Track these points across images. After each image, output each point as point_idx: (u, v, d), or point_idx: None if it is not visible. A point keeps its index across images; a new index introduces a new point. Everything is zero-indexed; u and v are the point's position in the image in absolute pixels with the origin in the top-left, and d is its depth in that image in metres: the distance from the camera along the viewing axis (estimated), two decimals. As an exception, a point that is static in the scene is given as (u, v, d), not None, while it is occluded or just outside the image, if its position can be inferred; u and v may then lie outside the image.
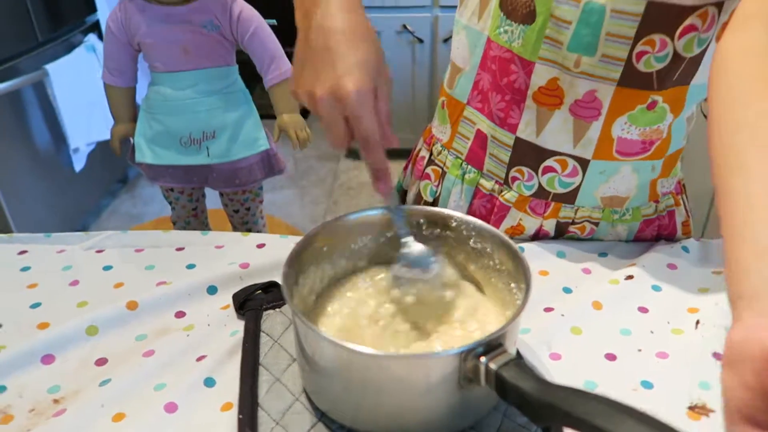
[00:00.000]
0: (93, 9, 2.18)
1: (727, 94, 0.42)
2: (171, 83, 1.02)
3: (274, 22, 1.02)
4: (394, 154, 0.53)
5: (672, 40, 0.55)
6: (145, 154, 1.08)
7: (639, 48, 0.55)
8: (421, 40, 2.29)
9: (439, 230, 0.56)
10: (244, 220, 1.18)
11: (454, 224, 0.56)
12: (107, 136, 2.07)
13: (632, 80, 0.57)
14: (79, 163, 2.03)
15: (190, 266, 0.68)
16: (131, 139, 1.14)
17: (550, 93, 0.61)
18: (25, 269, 0.67)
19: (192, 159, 1.08)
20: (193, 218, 1.19)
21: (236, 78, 1.09)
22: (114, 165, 2.32)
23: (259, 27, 1.00)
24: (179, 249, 0.70)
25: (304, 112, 1.10)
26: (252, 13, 1.02)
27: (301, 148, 1.11)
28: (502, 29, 0.62)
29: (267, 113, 1.08)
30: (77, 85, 1.95)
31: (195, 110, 1.03)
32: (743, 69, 0.42)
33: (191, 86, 1.02)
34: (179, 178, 1.13)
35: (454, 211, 0.56)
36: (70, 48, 2.01)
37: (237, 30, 1.00)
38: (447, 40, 2.28)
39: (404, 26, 2.26)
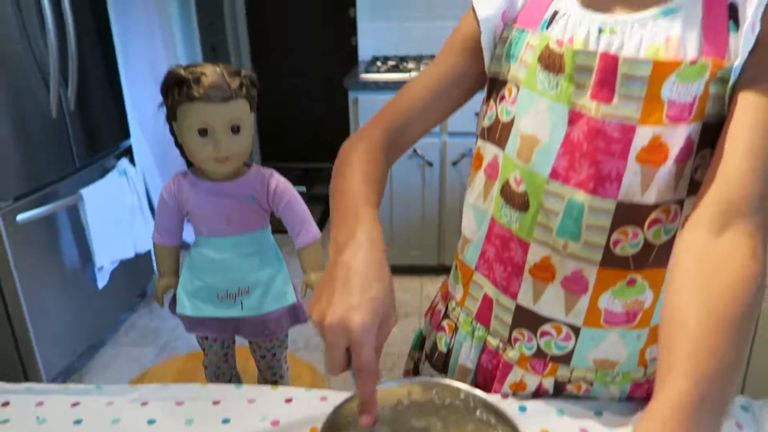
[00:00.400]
0: (127, 135, 2.36)
1: (670, 282, 0.55)
2: (214, 246, 1.14)
3: (303, 188, 1.15)
4: (409, 271, 0.62)
5: (642, 230, 0.63)
6: (186, 306, 1.18)
7: (615, 237, 0.64)
8: (430, 164, 2.43)
9: (449, 400, 0.63)
10: (270, 364, 1.26)
11: (462, 396, 0.63)
12: (131, 255, 2.22)
13: (612, 262, 0.65)
14: (102, 281, 2.11)
15: (225, 420, 0.73)
16: (173, 291, 1.27)
17: (543, 269, 0.68)
18: (77, 422, 0.72)
19: (227, 312, 1.17)
20: (224, 363, 1.28)
21: (269, 238, 1.20)
22: (134, 281, 2.41)
23: (292, 198, 1.13)
24: (215, 402, 0.76)
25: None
26: (286, 186, 1.15)
27: None
28: (502, 212, 0.71)
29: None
30: (107, 207, 2.07)
31: (233, 270, 1.15)
32: (682, 266, 0.54)
33: (231, 249, 1.14)
34: (214, 329, 1.22)
35: (463, 384, 0.63)
36: (103, 172, 2.15)
37: (273, 201, 1.13)
38: (455, 163, 2.42)
39: (415, 150, 2.40)
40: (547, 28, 0.66)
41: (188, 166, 1.17)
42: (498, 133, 0.71)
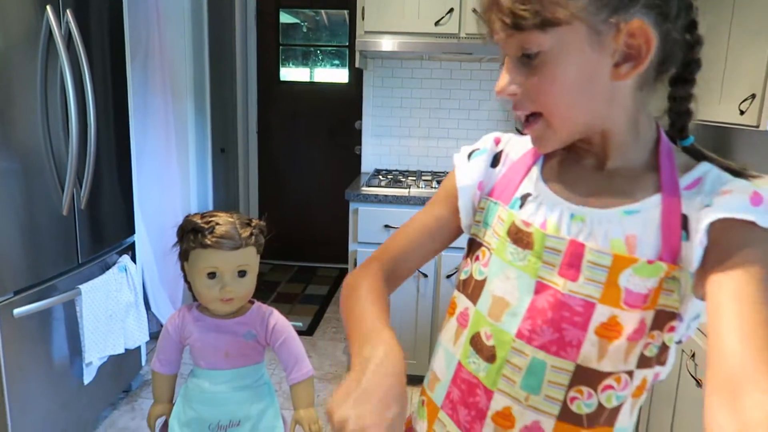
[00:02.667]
0: (132, 231, 2.43)
1: None
2: (210, 378, 1.20)
3: (300, 325, 1.23)
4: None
5: (596, 392, 0.68)
6: None
7: (571, 393, 0.69)
8: (425, 275, 2.48)
9: None
10: None
11: None
12: (120, 350, 2.22)
13: (568, 418, 0.70)
14: (89, 376, 2.09)
15: None
16: (165, 419, 1.32)
17: (505, 417, 0.73)
18: None
19: None
20: None
21: (263, 372, 1.27)
22: (119, 377, 2.38)
23: (289, 336, 1.22)
24: None
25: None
26: (284, 324, 1.23)
27: None
28: (470, 360, 0.75)
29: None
30: (104, 303, 2.10)
31: (227, 402, 1.19)
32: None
33: (226, 382, 1.20)
34: None
35: None
36: (103, 267, 2.20)
37: (270, 338, 1.22)
38: (449, 276, 2.47)
39: (410, 263, 2.46)
40: (521, 207, 0.74)
41: (194, 298, 1.23)
42: (471, 289, 0.78)
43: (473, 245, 0.80)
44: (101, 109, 2.12)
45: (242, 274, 1.14)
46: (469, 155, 0.84)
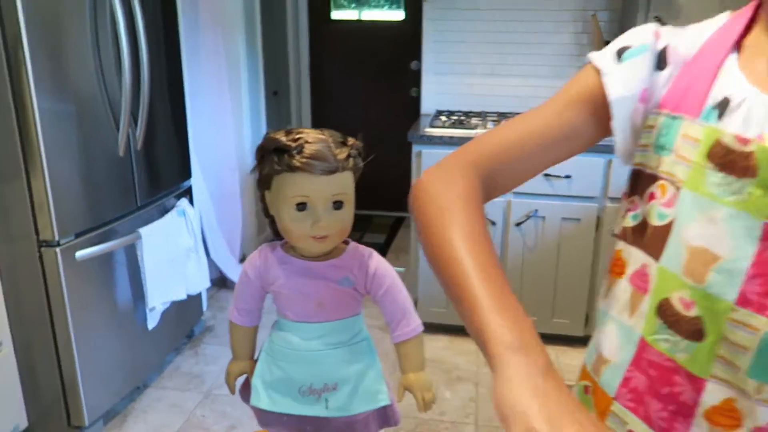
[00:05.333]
0: (188, 175, 2.36)
1: None
2: (299, 333, 1.02)
3: (402, 270, 1.06)
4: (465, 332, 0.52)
5: None
6: (262, 399, 1.06)
7: None
8: (493, 223, 2.34)
9: None
10: None
11: None
12: (183, 297, 2.18)
13: None
14: (153, 322, 2.07)
15: None
16: (246, 376, 1.16)
17: (725, 414, 0.55)
18: None
19: (309, 410, 1.05)
20: None
21: (361, 327, 1.07)
22: (182, 323, 2.37)
23: (393, 283, 1.00)
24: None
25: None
26: (386, 268, 1.02)
27: (426, 410, 1.06)
28: (661, 336, 0.57)
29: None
30: (164, 247, 2.05)
31: (320, 361, 1.02)
32: None
33: (319, 337, 1.02)
34: (292, 427, 1.09)
35: None
36: (162, 211, 2.15)
37: (371, 285, 1.01)
38: (519, 224, 2.32)
39: (477, 208, 2.32)
40: (720, 118, 0.53)
41: (275, 236, 1.04)
42: (647, 238, 0.59)
43: (640, 179, 0.61)
44: (153, 46, 2.01)
45: (338, 205, 0.94)
46: (619, 54, 0.62)
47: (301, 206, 0.92)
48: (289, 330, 1.03)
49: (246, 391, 1.14)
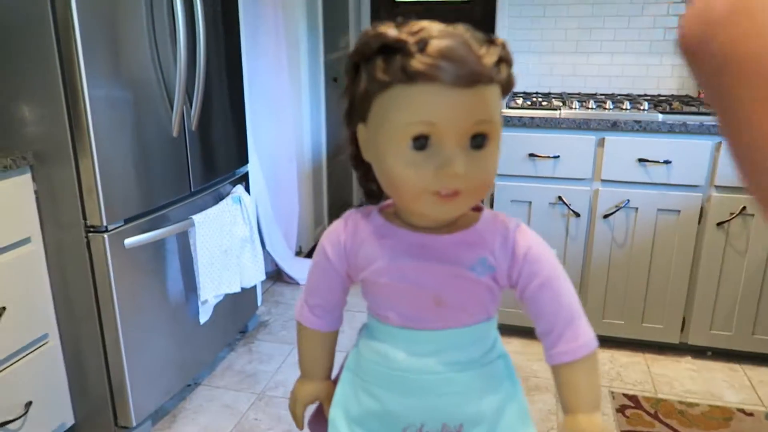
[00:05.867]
0: (245, 161, 2.22)
1: None
2: (406, 345, 0.68)
3: (556, 251, 0.72)
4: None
5: None
6: None
7: None
8: (578, 214, 2.08)
9: None
10: None
11: None
12: (237, 289, 2.03)
13: None
14: (205, 315, 1.93)
15: None
16: (318, 404, 0.84)
17: None
18: None
19: None
20: None
21: (497, 338, 0.74)
22: (236, 317, 2.22)
23: (553, 272, 0.67)
24: None
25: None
26: (542, 249, 0.67)
27: None
28: None
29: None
30: (218, 237, 1.91)
31: (438, 390, 0.67)
32: None
33: (436, 353, 0.67)
34: None
35: None
36: (217, 198, 2.00)
37: (521, 274, 0.66)
38: (607, 216, 2.06)
39: (560, 198, 2.07)
40: None
41: (368, 198, 0.72)
42: None
43: None
44: (210, 22, 1.87)
45: (479, 141, 0.59)
46: None
47: (421, 141, 0.59)
48: (390, 340, 0.69)
49: (319, 425, 0.81)
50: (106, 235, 1.54)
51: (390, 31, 0.58)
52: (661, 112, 2.03)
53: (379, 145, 0.62)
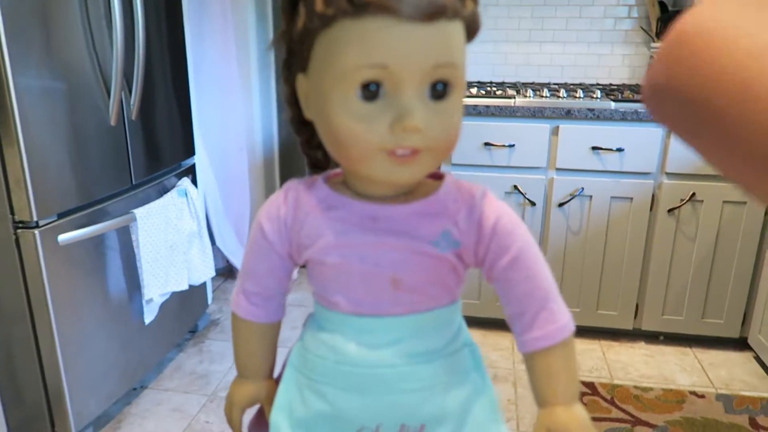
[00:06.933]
0: (191, 152, 2.12)
1: None
2: (359, 334, 0.60)
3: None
4: (498, 325, 0.26)
5: None
6: None
7: None
8: (533, 203, 2.07)
9: None
10: None
11: None
12: (184, 287, 1.93)
13: None
14: (150, 315, 1.83)
15: None
16: (259, 407, 0.75)
17: None
18: None
19: None
20: None
21: (460, 322, 0.65)
22: (184, 316, 2.12)
23: (526, 246, 0.58)
24: None
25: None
26: (513, 219, 0.59)
27: None
28: None
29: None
30: (163, 232, 1.81)
31: (396, 387, 0.59)
32: None
33: (393, 343, 0.59)
34: None
35: None
36: (161, 191, 1.90)
37: (489, 249, 0.58)
38: (562, 204, 2.05)
39: (516, 187, 2.06)
40: None
41: (313, 168, 0.64)
42: None
43: None
44: (150, 3, 1.76)
45: (440, 90, 0.51)
46: None
47: (372, 89, 0.50)
48: (339, 330, 0.61)
49: (260, 431, 0.73)
50: (36, 231, 1.43)
51: None
52: (614, 101, 2.04)
53: (322, 96, 0.53)
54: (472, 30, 0.55)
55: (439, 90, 0.52)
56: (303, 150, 0.64)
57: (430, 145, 0.52)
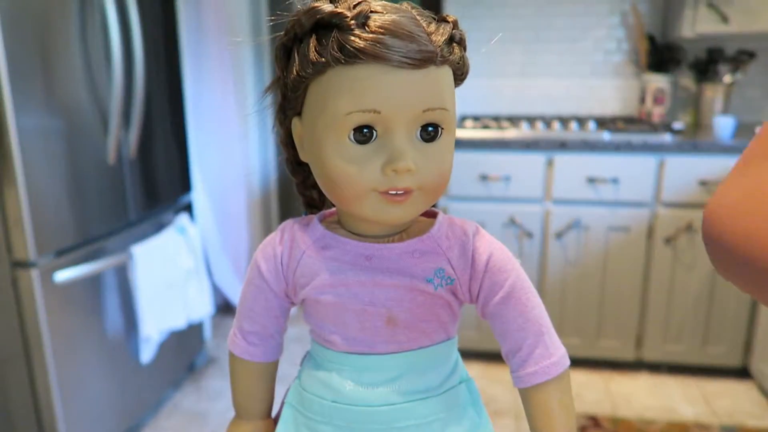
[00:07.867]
0: (188, 188, 2.13)
1: None
2: (355, 373, 0.60)
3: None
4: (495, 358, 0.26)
5: None
6: None
7: None
8: (530, 235, 2.08)
9: None
10: None
11: None
12: (182, 324, 1.92)
13: None
14: (147, 354, 1.81)
15: None
16: None
17: None
18: None
19: None
20: None
21: (457, 358, 0.65)
22: (182, 354, 2.10)
23: (518, 282, 0.58)
24: None
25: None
26: (505, 256, 0.59)
27: None
28: None
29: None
30: (160, 269, 1.81)
31: (393, 424, 0.59)
32: None
33: (390, 381, 0.60)
34: None
35: None
36: (158, 227, 1.91)
37: (482, 286, 0.58)
38: (560, 235, 2.06)
39: (512, 219, 2.07)
40: None
41: (308, 208, 0.66)
42: None
43: None
44: (149, 42, 1.80)
45: (432, 132, 0.54)
46: None
47: (364, 133, 0.52)
48: (335, 368, 0.61)
49: None
50: (34, 270, 1.43)
51: (324, 5, 0.51)
52: (608, 131, 2.06)
53: (316, 140, 0.54)
54: (460, 74, 0.57)
55: (430, 132, 0.54)
56: (298, 190, 0.65)
57: (422, 185, 0.54)
